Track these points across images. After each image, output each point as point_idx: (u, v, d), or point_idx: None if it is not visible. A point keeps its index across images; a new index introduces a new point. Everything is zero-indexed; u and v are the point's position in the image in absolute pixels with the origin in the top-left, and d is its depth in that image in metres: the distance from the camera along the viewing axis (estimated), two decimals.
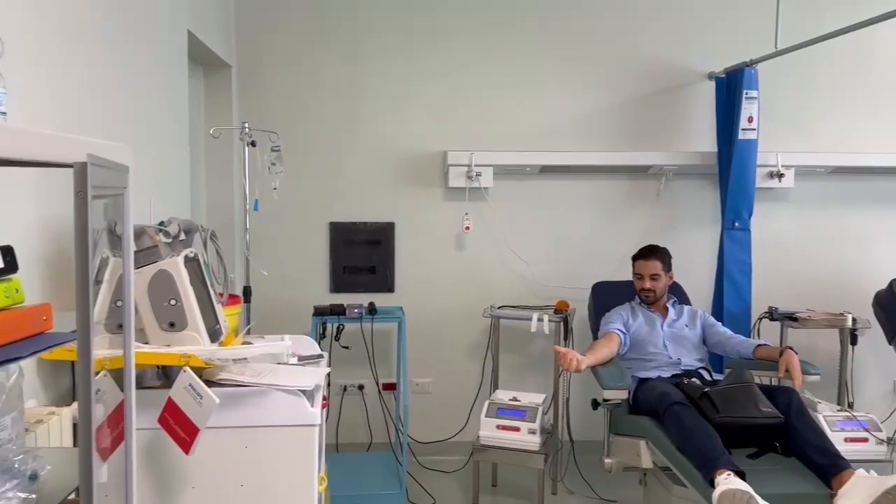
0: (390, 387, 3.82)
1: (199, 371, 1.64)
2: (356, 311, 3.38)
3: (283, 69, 3.74)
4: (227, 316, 1.99)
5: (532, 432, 3.13)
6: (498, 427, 3.17)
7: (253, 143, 3.14)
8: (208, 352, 1.67)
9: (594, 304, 3.55)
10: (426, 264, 3.86)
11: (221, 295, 2.08)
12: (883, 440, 3.14)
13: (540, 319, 3.47)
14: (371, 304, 3.45)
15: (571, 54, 3.83)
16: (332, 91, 3.77)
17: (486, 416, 3.20)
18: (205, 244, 2.06)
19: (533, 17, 3.80)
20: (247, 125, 3.16)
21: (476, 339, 3.88)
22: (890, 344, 3.49)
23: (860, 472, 2.32)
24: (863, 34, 3.52)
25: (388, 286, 3.85)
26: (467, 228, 3.81)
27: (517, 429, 3.16)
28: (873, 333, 3.61)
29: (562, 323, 3.52)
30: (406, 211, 3.84)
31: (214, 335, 1.76)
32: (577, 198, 3.91)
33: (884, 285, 3.57)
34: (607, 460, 2.89)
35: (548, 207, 3.90)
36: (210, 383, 1.64)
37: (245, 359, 1.70)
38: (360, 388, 3.84)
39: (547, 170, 3.82)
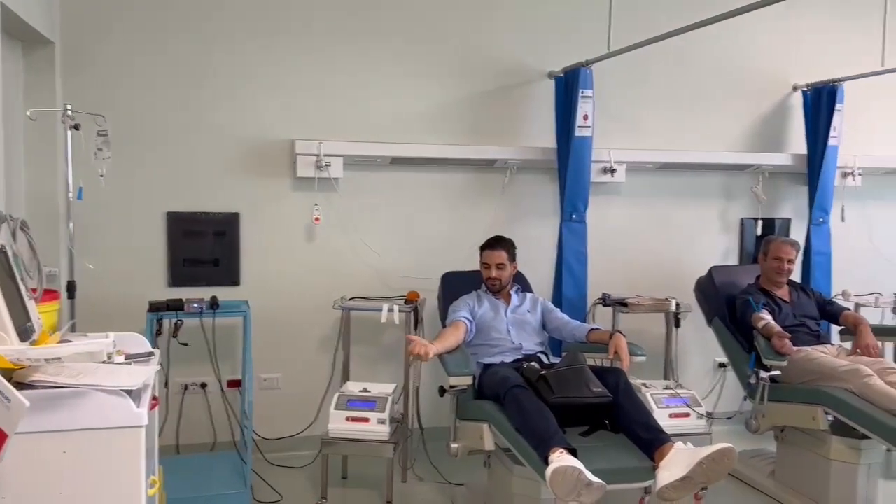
0: (235, 384, 3.69)
1: (8, 373, 1.50)
2: (196, 305, 3.23)
3: (115, 47, 3.50)
4: (43, 313, 1.84)
5: (381, 422, 3.15)
6: (347, 419, 3.16)
7: (76, 127, 2.91)
8: (16, 351, 1.54)
9: (443, 293, 3.62)
10: (274, 256, 3.77)
11: (35, 290, 1.91)
12: (702, 415, 3.45)
13: (390, 310, 3.49)
14: (213, 298, 3.31)
15: (422, 48, 3.87)
16: (171, 73, 3.57)
17: (336, 408, 3.18)
18: (14, 235, 1.89)
19: (386, 7, 3.80)
20: (69, 107, 2.92)
21: (327, 332, 3.84)
22: (709, 325, 3.85)
23: (679, 444, 2.52)
24: (689, 39, 3.83)
25: (232, 279, 3.71)
26: (317, 219, 3.75)
27: (367, 419, 3.16)
28: (694, 316, 3.95)
29: (412, 313, 3.56)
30: (252, 201, 3.72)
31: (25, 334, 1.62)
32: (428, 190, 3.97)
33: (705, 272, 3.93)
34: (453, 445, 2.96)
35: (399, 199, 3.93)
36: (23, 385, 1.51)
37: (59, 358, 1.58)
38: (203, 386, 3.68)
39: (398, 161, 3.84)
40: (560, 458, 2.32)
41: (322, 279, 3.80)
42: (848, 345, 3.57)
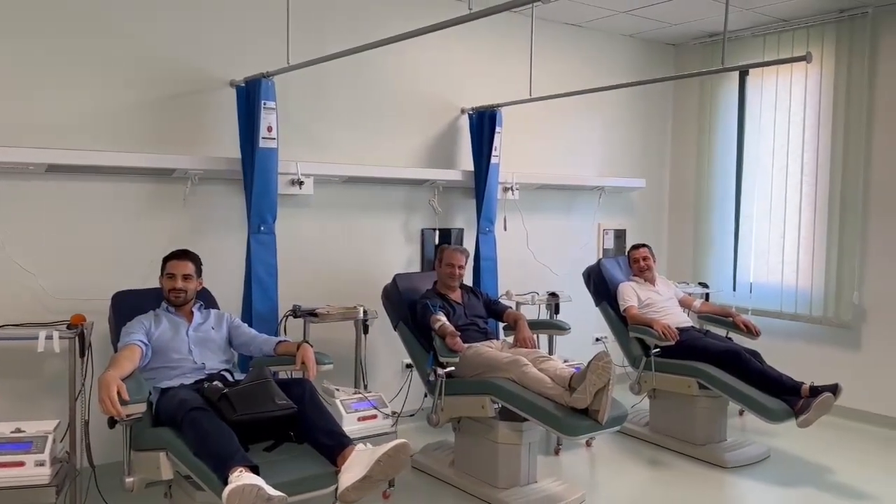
0: None
1: None
2: None
3: None
4: None
5: (40, 464, 2.76)
6: None
7: None
8: None
9: (115, 315, 3.30)
10: None
11: None
12: (388, 415, 3.63)
13: (49, 337, 3.09)
14: None
15: (88, 46, 3.52)
16: None
17: None
18: None
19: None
20: None
21: None
22: (395, 330, 4.06)
23: (359, 446, 2.62)
24: (366, 60, 4.03)
25: None
26: None
27: (21, 463, 2.76)
28: (381, 322, 4.14)
29: (77, 339, 3.20)
30: None
31: None
32: (95, 201, 3.61)
33: (389, 279, 4.14)
34: (128, 479, 2.72)
35: (59, 211, 3.51)
36: None
37: None
38: None
39: (56, 169, 3.43)
40: (239, 478, 2.26)
41: None
42: (510, 339, 4.03)
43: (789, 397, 3.84)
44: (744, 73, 5.47)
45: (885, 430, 4.67)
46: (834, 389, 3.80)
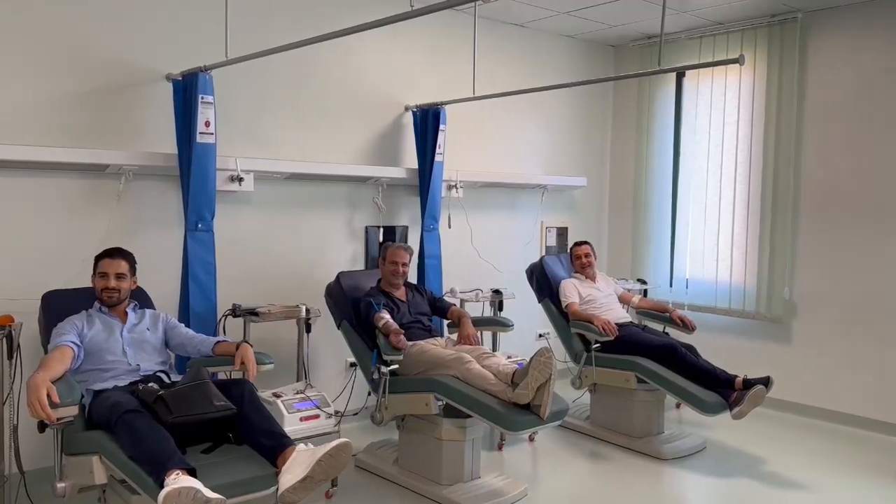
0: None
1: None
2: None
3: None
4: None
5: None
6: None
7: None
8: None
9: (46, 315, 3.18)
10: None
11: None
12: (331, 414, 3.60)
13: None
14: None
15: (15, 38, 3.38)
16: None
17: None
18: None
19: None
20: None
21: None
22: (338, 328, 4.03)
23: (300, 446, 2.59)
24: (307, 55, 3.97)
25: None
26: None
27: None
28: (325, 321, 4.10)
29: (4, 340, 3.07)
30: None
31: None
32: (25, 198, 3.47)
33: (333, 278, 4.10)
34: (59, 484, 2.63)
35: None
36: None
37: None
38: None
39: None
40: (175, 480, 2.21)
41: None
42: (455, 336, 4.05)
43: (723, 390, 3.97)
44: (680, 75, 5.62)
45: (814, 421, 4.87)
46: (766, 382, 3.94)
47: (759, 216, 5.14)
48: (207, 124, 3.59)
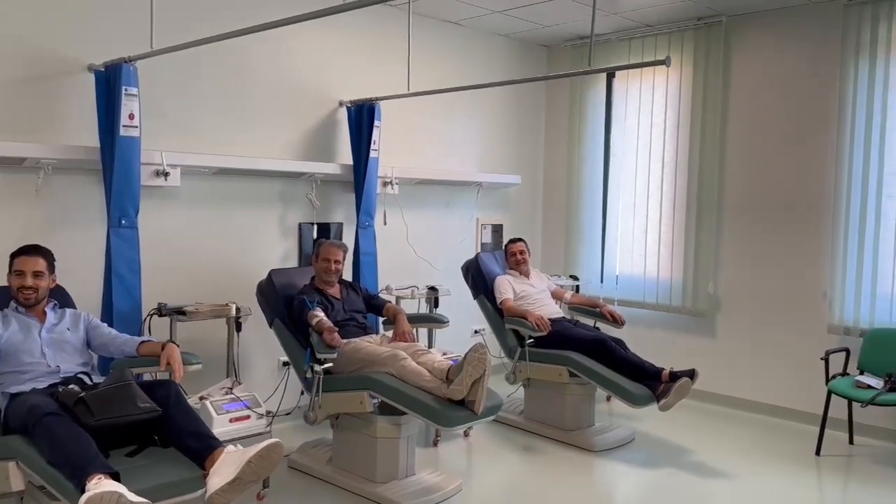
0: None
1: None
2: None
3: None
4: None
5: None
6: None
7: None
8: None
9: None
10: None
11: None
12: (262, 414, 3.54)
13: None
14: None
15: None
16: None
17: None
18: None
19: None
20: None
21: None
22: (270, 327, 3.96)
23: (229, 447, 2.53)
24: (237, 47, 3.88)
25: None
26: None
27: None
28: (256, 319, 4.02)
29: None
30: None
31: None
32: None
33: (264, 275, 4.03)
34: None
35: None
36: None
37: None
38: None
39: None
40: (97, 485, 2.13)
41: None
42: (390, 333, 4.03)
43: (651, 382, 4.08)
44: (611, 76, 5.74)
45: (738, 412, 5.06)
46: (691, 374, 4.07)
47: (685, 214, 5.30)
48: (132, 117, 3.47)
